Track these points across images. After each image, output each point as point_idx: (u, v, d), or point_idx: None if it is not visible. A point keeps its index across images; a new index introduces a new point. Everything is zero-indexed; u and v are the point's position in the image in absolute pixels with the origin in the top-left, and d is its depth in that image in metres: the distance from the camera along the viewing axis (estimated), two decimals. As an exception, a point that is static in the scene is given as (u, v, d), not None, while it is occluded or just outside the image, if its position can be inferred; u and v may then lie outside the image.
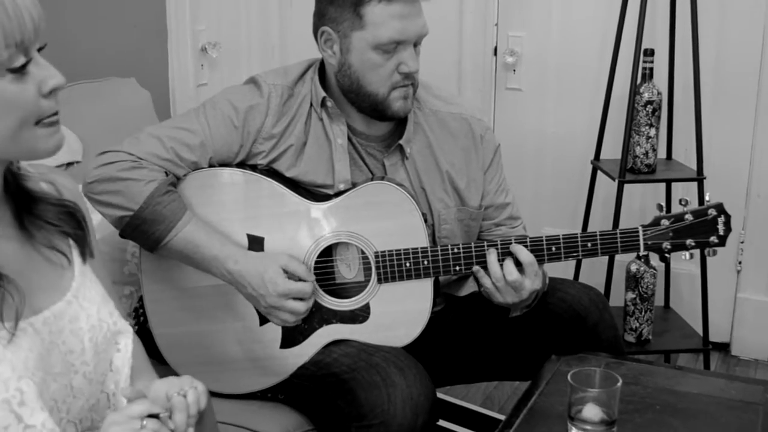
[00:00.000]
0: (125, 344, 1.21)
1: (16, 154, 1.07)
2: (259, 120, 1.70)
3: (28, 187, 1.16)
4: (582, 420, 1.44)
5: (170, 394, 1.09)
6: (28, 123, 1.03)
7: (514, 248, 1.66)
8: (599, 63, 2.81)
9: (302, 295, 1.63)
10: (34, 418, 1.02)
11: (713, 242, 1.67)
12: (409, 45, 1.67)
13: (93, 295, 1.19)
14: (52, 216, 1.17)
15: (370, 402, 1.54)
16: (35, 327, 1.08)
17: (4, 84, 1.01)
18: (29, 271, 1.12)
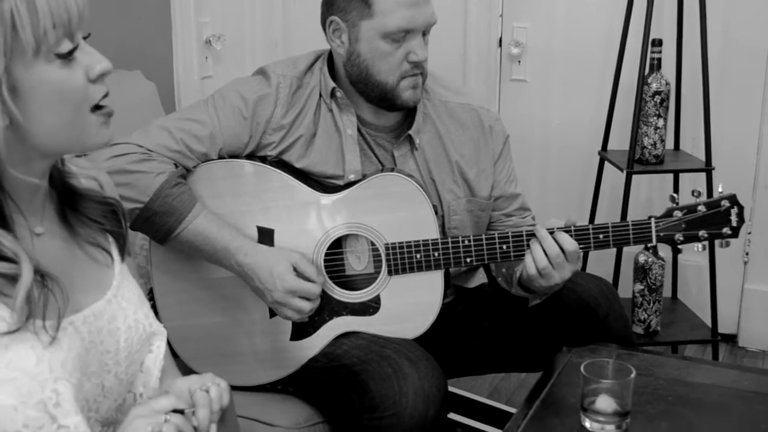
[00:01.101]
0: (158, 346, 1.21)
1: (68, 145, 1.05)
2: (269, 111, 1.69)
3: (72, 184, 1.16)
4: (595, 411, 1.44)
5: (193, 390, 1.09)
6: (82, 110, 1.03)
7: (559, 235, 1.62)
8: (605, 54, 2.80)
9: (309, 296, 1.62)
10: (68, 419, 1.02)
11: (726, 234, 1.65)
12: (418, 33, 1.66)
13: (131, 295, 1.19)
14: (96, 213, 1.17)
15: (381, 394, 1.53)
16: (75, 326, 1.08)
17: (53, 70, 1.00)
18: (72, 269, 1.12)
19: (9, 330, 0.99)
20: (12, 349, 0.99)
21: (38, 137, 1.01)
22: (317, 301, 1.64)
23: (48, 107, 1.00)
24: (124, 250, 1.22)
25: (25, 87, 0.99)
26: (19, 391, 0.99)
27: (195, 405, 1.08)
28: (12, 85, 0.98)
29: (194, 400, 1.08)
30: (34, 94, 0.99)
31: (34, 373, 1.00)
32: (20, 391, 0.99)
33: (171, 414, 1.03)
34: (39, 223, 1.09)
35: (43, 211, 1.11)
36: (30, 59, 0.98)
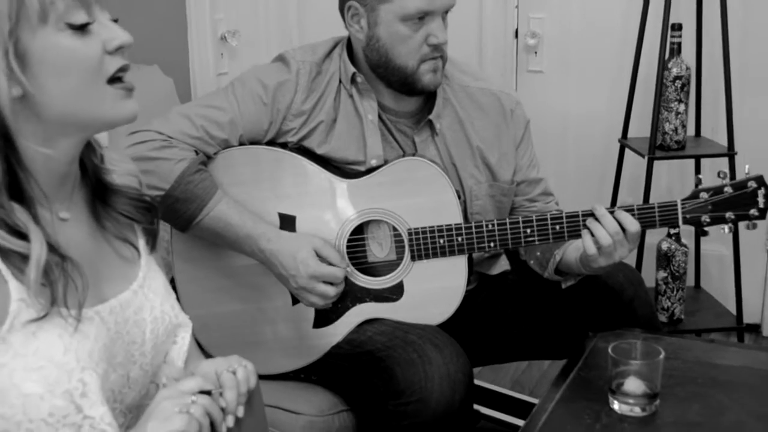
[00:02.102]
0: (183, 338, 1.20)
1: (84, 118, 1.03)
2: (289, 96, 1.69)
3: (106, 180, 1.15)
4: (624, 393, 1.42)
5: (219, 372, 1.08)
6: (96, 81, 1.01)
7: (619, 215, 1.59)
8: (621, 43, 2.78)
9: (333, 280, 1.61)
10: (94, 410, 1.02)
11: (753, 215, 1.63)
12: (437, 16, 1.65)
13: (157, 287, 1.18)
14: (127, 208, 1.16)
15: (407, 379, 1.52)
16: (102, 316, 1.07)
17: (64, 39, 0.99)
18: (97, 259, 1.11)
19: (37, 316, 0.98)
20: (40, 337, 0.99)
21: (51, 109, 1.00)
22: (341, 286, 1.63)
23: (57, 76, 0.99)
24: (153, 245, 1.21)
25: (35, 54, 0.98)
26: (46, 379, 0.99)
27: (222, 386, 1.07)
28: (21, 52, 0.97)
29: (221, 381, 1.07)
30: (43, 62, 0.98)
31: (62, 362, 1.00)
32: (47, 379, 0.99)
33: (198, 395, 1.02)
34: (66, 209, 1.09)
35: (71, 199, 1.10)
36: (36, 25, 0.97)
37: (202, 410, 1.01)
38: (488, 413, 2.35)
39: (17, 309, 0.98)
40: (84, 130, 1.07)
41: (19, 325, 0.98)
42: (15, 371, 0.98)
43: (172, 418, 0.98)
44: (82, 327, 1.02)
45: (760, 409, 1.43)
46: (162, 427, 0.98)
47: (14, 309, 0.98)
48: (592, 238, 1.59)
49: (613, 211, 1.60)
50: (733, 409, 1.43)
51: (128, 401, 1.12)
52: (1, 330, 0.98)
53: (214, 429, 1.03)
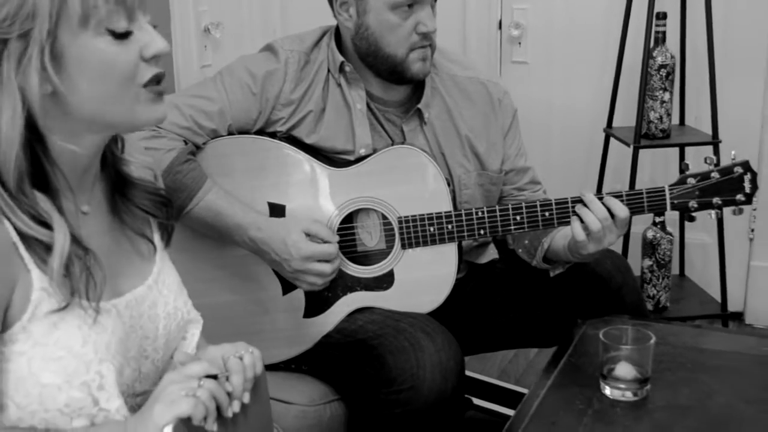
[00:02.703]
0: (192, 334, 1.21)
1: (116, 119, 1.04)
2: (277, 86, 1.68)
3: (125, 171, 1.15)
4: (615, 378, 1.43)
5: (226, 357, 1.07)
6: (130, 87, 1.01)
7: (608, 200, 1.60)
8: (605, 33, 2.79)
9: (327, 257, 1.61)
10: (110, 403, 1.02)
11: (740, 200, 1.64)
12: (426, 4, 1.65)
13: (171, 282, 1.19)
14: (145, 202, 1.17)
15: (399, 367, 1.52)
16: (118, 309, 1.08)
17: (103, 44, 0.99)
18: (115, 253, 1.12)
19: (59, 307, 0.99)
20: (60, 327, 1.00)
21: (82, 108, 1.01)
22: (337, 261, 1.63)
23: (93, 80, 1.00)
24: (168, 240, 1.22)
25: (71, 56, 0.98)
26: (64, 370, 1.00)
27: (229, 371, 1.06)
28: (58, 52, 0.97)
29: (228, 366, 1.07)
30: (79, 65, 0.99)
31: (80, 353, 1.00)
32: (66, 370, 1.00)
33: (204, 380, 1.02)
34: (86, 202, 1.09)
35: (92, 192, 1.11)
36: (76, 28, 0.97)
37: (208, 394, 1.00)
38: (476, 403, 2.35)
39: (39, 298, 0.99)
40: (112, 129, 1.08)
41: (41, 314, 0.99)
42: (34, 360, 0.99)
43: (178, 401, 0.98)
44: (100, 319, 1.03)
45: (749, 393, 1.45)
46: (168, 411, 0.98)
47: (36, 298, 0.99)
48: (581, 224, 1.59)
49: (602, 197, 1.61)
50: (722, 393, 1.44)
51: (139, 397, 1.12)
52: (23, 318, 0.99)
53: (219, 414, 1.03)
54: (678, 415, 1.39)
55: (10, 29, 0.95)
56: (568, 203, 1.63)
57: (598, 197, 1.60)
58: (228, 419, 1.04)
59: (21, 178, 0.98)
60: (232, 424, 1.05)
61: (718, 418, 1.38)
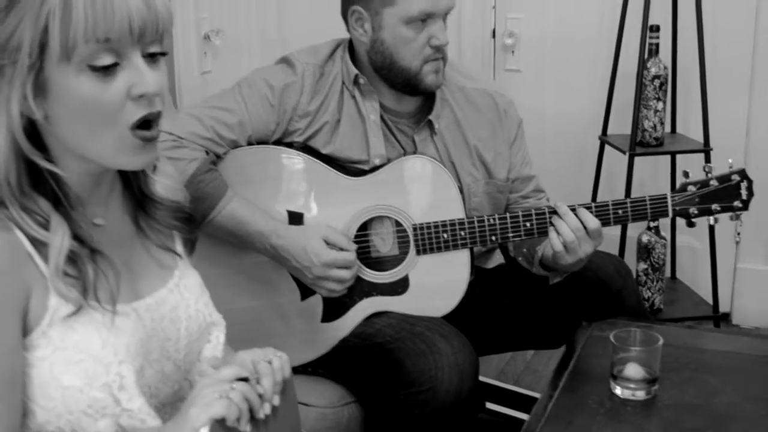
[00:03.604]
0: (216, 336, 1.23)
1: (99, 159, 1.04)
2: (295, 98, 1.73)
3: (147, 191, 1.17)
4: (625, 378, 1.49)
5: (256, 361, 1.11)
6: (112, 125, 1.01)
7: (581, 212, 1.67)
8: (596, 43, 2.87)
9: (346, 264, 1.67)
10: (132, 403, 1.05)
11: (737, 206, 1.72)
12: (439, 18, 1.71)
13: (192, 285, 1.22)
14: (168, 220, 1.19)
15: (417, 369, 1.58)
16: (138, 312, 1.11)
17: (83, 80, 0.98)
18: (134, 259, 1.14)
19: (74, 310, 1.02)
20: (78, 331, 1.03)
21: (69, 141, 1.02)
22: (355, 268, 1.68)
23: (73, 115, 1.00)
24: (191, 250, 1.25)
25: (54, 88, 0.99)
26: (85, 372, 1.02)
27: (259, 375, 1.09)
28: (43, 83, 0.99)
29: (258, 370, 1.10)
30: (60, 97, 0.99)
31: (100, 356, 1.03)
32: (86, 372, 1.02)
33: (237, 382, 1.05)
34: (101, 215, 1.11)
35: (107, 203, 1.13)
36: (58, 62, 0.97)
37: (241, 396, 1.04)
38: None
39: (56, 304, 1.02)
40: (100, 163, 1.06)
41: (58, 319, 1.02)
42: (55, 365, 1.02)
43: (213, 403, 1.01)
44: (118, 322, 1.06)
45: (751, 392, 1.52)
46: (204, 412, 1.01)
47: (53, 304, 1.02)
48: (558, 235, 1.66)
49: (574, 209, 1.68)
50: (725, 392, 1.51)
51: (162, 397, 1.16)
52: (42, 324, 1.02)
53: (252, 415, 1.07)
54: (686, 413, 1.45)
55: (2, 57, 0.98)
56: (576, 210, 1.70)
57: (571, 208, 1.68)
58: (260, 421, 1.07)
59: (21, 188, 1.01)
60: (263, 426, 1.09)
61: (724, 416, 1.44)
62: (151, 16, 0.99)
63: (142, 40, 0.99)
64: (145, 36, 0.99)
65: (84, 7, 0.95)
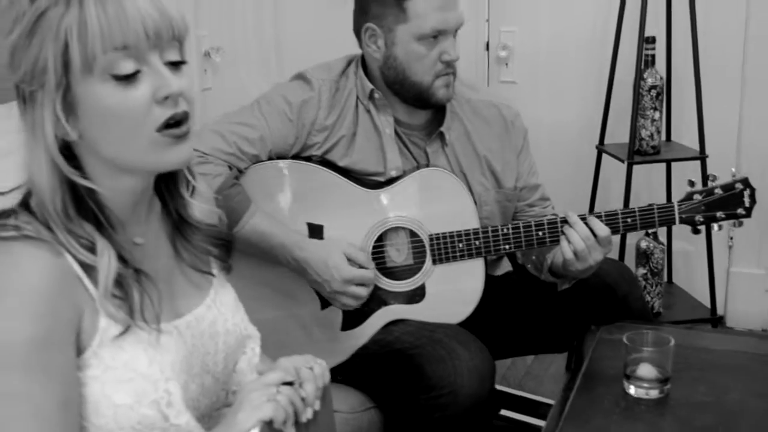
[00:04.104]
0: (252, 348, 1.28)
1: (136, 165, 1.07)
2: (313, 113, 1.79)
3: (184, 213, 1.20)
4: (638, 378, 1.55)
5: (298, 368, 1.15)
6: (142, 131, 1.03)
7: (591, 221, 1.73)
8: (588, 54, 2.94)
9: (364, 281, 1.72)
10: (179, 418, 1.08)
11: (740, 214, 1.79)
12: (450, 34, 1.77)
13: (228, 300, 1.26)
14: (204, 245, 1.22)
15: (437, 374, 1.63)
16: (180, 330, 1.15)
17: (108, 90, 1.01)
18: (172, 279, 1.18)
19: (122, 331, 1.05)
20: (127, 351, 1.06)
21: (107, 153, 1.05)
22: (372, 286, 1.74)
23: (103, 125, 1.02)
24: (228, 270, 1.29)
25: (83, 103, 1.02)
26: (135, 390, 1.06)
27: (302, 380, 1.13)
28: (72, 100, 1.02)
29: (300, 376, 1.14)
30: (88, 110, 1.02)
31: (148, 373, 1.06)
32: (136, 390, 1.06)
33: (282, 386, 1.09)
34: (141, 234, 1.15)
35: (147, 224, 1.16)
36: (82, 76, 1.00)
37: (287, 399, 1.08)
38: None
39: (106, 325, 1.05)
40: (141, 171, 1.09)
41: (108, 339, 1.05)
42: (106, 383, 1.05)
43: (260, 406, 1.05)
44: (162, 340, 1.09)
45: (757, 388, 1.58)
46: (252, 415, 1.05)
47: (103, 325, 1.05)
48: (569, 244, 1.72)
49: (584, 217, 1.74)
50: (735, 389, 1.57)
51: (203, 409, 1.20)
52: (93, 345, 1.05)
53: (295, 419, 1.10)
54: (698, 410, 1.51)
55: (32, 83, 1.01)
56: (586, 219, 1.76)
57: (581, 217, 1.74)
58: (302, 424, 1.12)
59: (66, 213, 1.04)
60: (305, 429, 1.13)
61: (734, 413, 1.50)
62: (164, 20, 1.02)
63: (159, 44, 1.02)
64: (161, 40, 1.02)
65: (98, 18, 0.98)
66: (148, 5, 1.01)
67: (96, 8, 0.98)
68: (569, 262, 1.73)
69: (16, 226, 1.03)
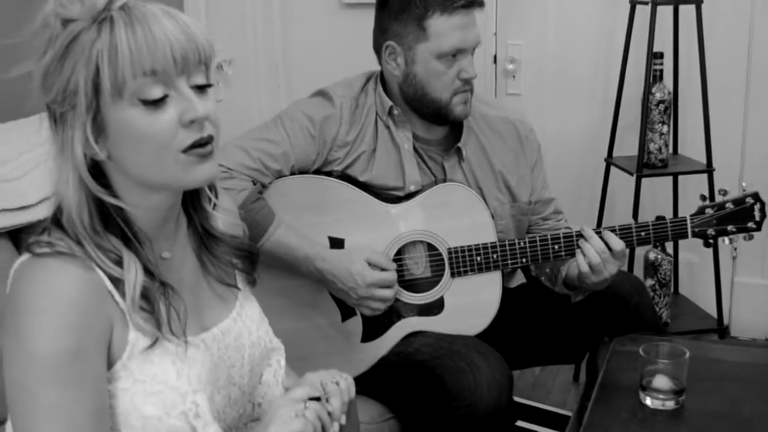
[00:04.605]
0: (277, 360, 1.31)
1: (164, 183, 1.10)
2: (334, 129, 1.83)
3: (209, 226, 1.23)
4: (654, 389, 1.58)
5: (324, 383, 1.18)
6: (166, 152, 1.06)
7: (606, 235, 1.77)
8: (595, 66, 2.99)
9: (388, 283, 1.76)
10: (206, 429, 1.11)
11: (751, 227, 1.83)
12: (468, 53, 1.81)
13: (253, 313, 1.29)
14: (229, 258, 1.25)
15: (458, 386, 1.66)
16: (206, 343, 1.18)
17: (136, 113, 1.04)
18: (198, 292, 1.21)
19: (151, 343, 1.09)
20: (156, 363, 1.09)
21: (135, 173, 1.08)
22: (396, 287, 1.77)
23: (131, 147, 1.06)
24: (253, 284, 1.32)
25: (112, 125, 1.05)
26: (163, 402, 1.09)
27: (328, 395, 1.17)
28: (101, 122, 1.05)
29: (327, 390, 1.17)
30: (117, 133, 1.05)
31: (176, 386, 1.10)
32: (164, 402, 1.09)
33: (309, 401, 1.13)
34: (167, 249, 1.18)
35: (175, 239, 1.19)
36: (112, 100, 1.03)
37: (315, 414, 1.12)
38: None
39: (135, 338, 1.09)
40: (169, 189, 1.12)
41: (137, 352, 1.09)
42: (135, 395, 1.08)
43: (290, 421, 1.09)
44: (189, 353, 1.13)
45: (769, 400, 1.63)
46: (282, 430, 1.08)
47: (132, 338, 1.09)
48: (584, 258, 1.76)
49: (599, 232, 1.78)
50: (748, 400, 1.61)
51: (229, 421, 1.23)
52: (123, 357, 1.08)
53: None
54: (713, 420, 1.54)
55: (63, 104, 1.05)
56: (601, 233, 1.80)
57: (596, 231, 1.78)
58: None
59: (94, 228, 1.07)
60: None
61: (749, 422, 1.54)
62: (191, 46, 1.05)
63: (186, 69, 1.05)
64: (188, 65, 1.05)
65: (128, 44, 1.02)
66: (176, 30, 1.04)
67: (126, 33, 1.02)
68: (585, 275, 1.77)
69: (50, 242, 1.07)
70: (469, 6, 1.77)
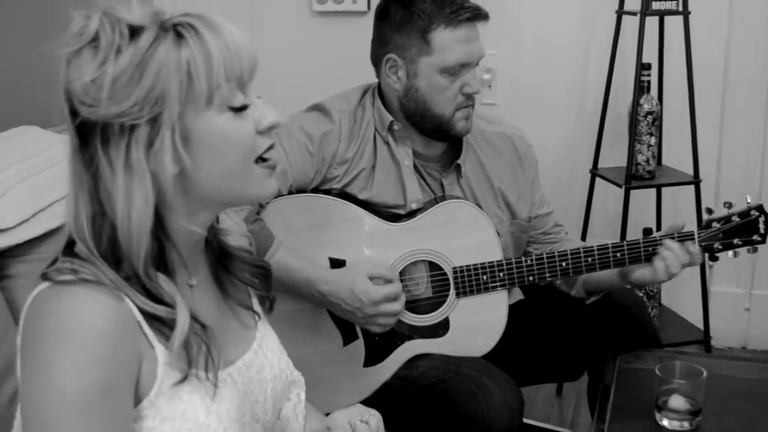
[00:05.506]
0: (297, 394, 1.25)
1: (233, 195, 1.08)
2: (334, 145, 1.76)
3: (225, 243, 1.19)
4: (671, 410, 1.55)
5: (353, 423, 1.15)
6: (247, 161, 1.06)
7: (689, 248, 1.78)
8: (571, 77, 2.97)
9: (395, 296, 1.68)
10: None
11: (756, 240, 1.82)
12: (472, 67, 1.76)
13: (273, 345, 1.23)
14: (245, 275, 1.21)
15: (469, 410, 1.61)
16: (233, 377, 1.12)
17: (224, 120, 1.03)
18: (221, 323, 1.15)
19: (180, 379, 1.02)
20: (185, 401, 1.03)
21: (205, 186, 1.04)
22: (403, 298, 1.70)
23: (216, 156, 1.03)
24: (270, 308, 1.27)
25: (196, 135, 1.02)
26: None
27: None
28: (184, 132, 1.01)
29: (357, 431, 1.14)
30: (204, 142, 1.02)
31: (206, 423, 1.04)
32: None
33: None
34: (194, 275, 1.13)
35: (198, 265, 1.14)
36: (202, 108, 1.01)
37: None
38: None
39: (164, 373, 1.02)
40: (227, 205, 1.12)
41: (165, 388, 1.02)
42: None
43: None
44: (218, 389, 1.06)
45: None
46: None
47: (161, 373, 1.02)
48: (665, 266, 1.74)
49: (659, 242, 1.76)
50: (763, 418, 1.59)
51: None
52: (150, 394, 1.01)
53: None
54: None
55: (140, 114, 0.98)
56: (608, 250, 1.76)
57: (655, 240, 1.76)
58: None
59: (147, 261, 1.01)
60: None
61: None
62: (254, 51, 1.05)
63: (252, 76, 1.06)
64: (254, 72, 1.06)
65: (220, 49, 1.01)
66: (242, 36, 1.04)
67: (217, 40, 1.01)
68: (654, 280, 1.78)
69: (73, 269, 1.00)
70: (474, 19, 1.72)
